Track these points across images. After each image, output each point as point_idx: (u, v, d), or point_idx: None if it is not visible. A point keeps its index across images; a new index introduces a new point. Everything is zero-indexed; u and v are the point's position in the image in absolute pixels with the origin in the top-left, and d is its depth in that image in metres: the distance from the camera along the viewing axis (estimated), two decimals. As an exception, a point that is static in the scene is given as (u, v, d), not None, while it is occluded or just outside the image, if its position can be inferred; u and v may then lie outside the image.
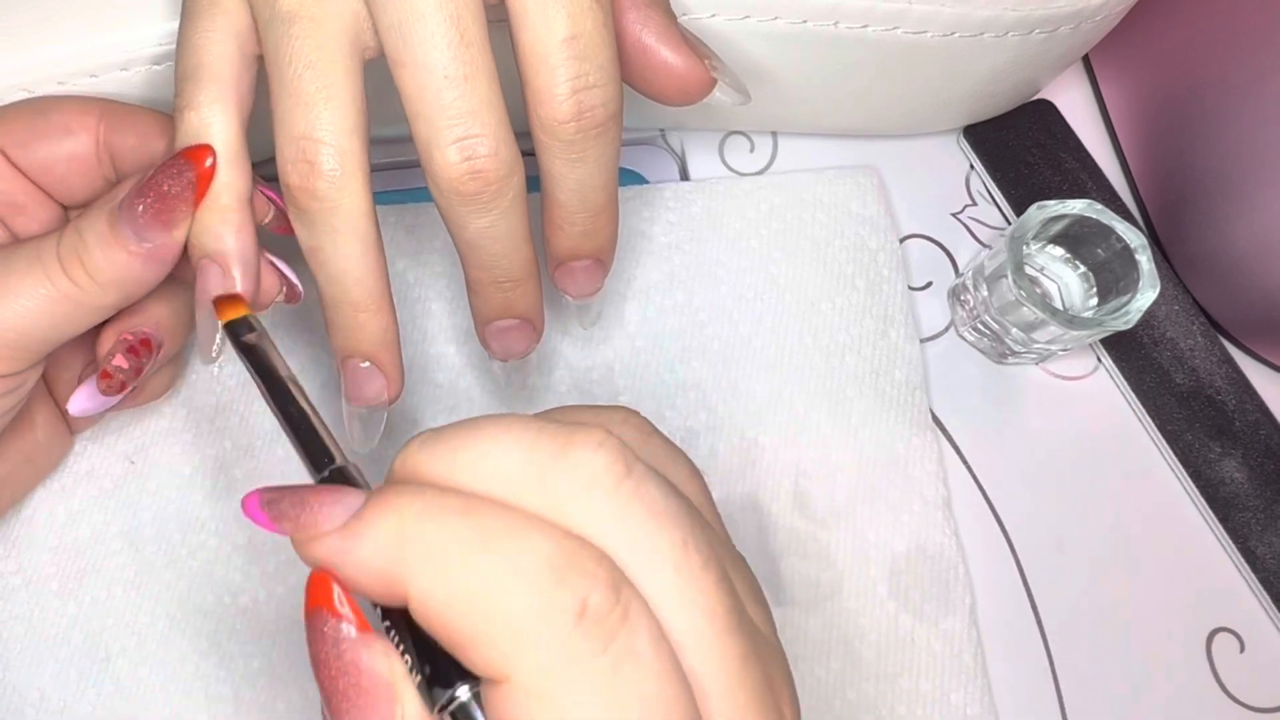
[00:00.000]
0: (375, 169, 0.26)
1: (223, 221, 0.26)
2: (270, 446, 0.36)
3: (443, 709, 0.18)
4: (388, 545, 0.18)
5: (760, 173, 0.42)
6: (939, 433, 0.38)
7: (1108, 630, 0.37)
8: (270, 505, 0.19)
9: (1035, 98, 0.44)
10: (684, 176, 0.42)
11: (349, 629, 0.18)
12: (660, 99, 0.28)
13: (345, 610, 0.19)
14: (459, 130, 0.24)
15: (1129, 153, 0.44)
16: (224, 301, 0.26)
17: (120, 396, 0.29)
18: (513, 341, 0.30)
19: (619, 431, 0.22)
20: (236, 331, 0.25)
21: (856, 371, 0.38)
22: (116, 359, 0.29)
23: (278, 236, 0.29)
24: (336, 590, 0.19)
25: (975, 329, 0.39)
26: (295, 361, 0.37)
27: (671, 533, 0.19)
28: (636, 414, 0.23)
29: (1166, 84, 0.42)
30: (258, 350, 0.25)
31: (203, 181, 0.25)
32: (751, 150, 0.42)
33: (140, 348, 0.29)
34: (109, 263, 0.25)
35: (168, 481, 0.35)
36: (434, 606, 0.17)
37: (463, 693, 0.18)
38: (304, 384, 0.25)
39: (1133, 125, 0.44)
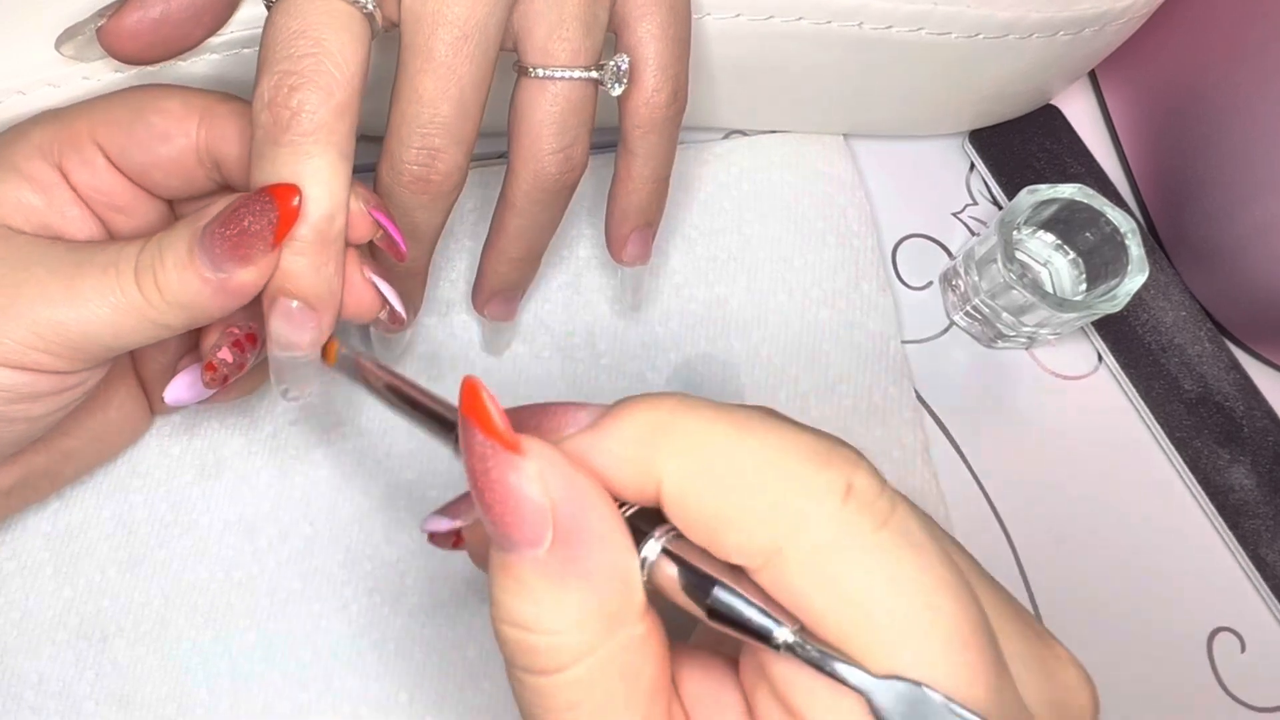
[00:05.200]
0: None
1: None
2: (258, 424, 0.36)
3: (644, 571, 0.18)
4: (642, 434, 0.18)
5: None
6: (922, 403, 0.39)
7: (1108, 629, 0.37)
8: (508, 417, 0.19)
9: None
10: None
11: (496, 448, 0.18)
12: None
13: (499, 425, 0.18)
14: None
15: (1132, 158, 0.44)
16: (329, 344, 0.27)
17: (218, 389, 0.29)
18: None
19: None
20: (343, 366, 0.26)
21: (832, 325, 0.38)
22: (222, 352, 0.28)
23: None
24: (491, 405, 0.18)
25: (966, 314, 0.40)
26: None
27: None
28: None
29: (1170, 90, 0.42)
30: (358, 371, 0.26)
31: (285, 222, 0.25)
32: None
33: (245, 342, 0.29)
34: (181, 284, 0.25)
35: (157, 462, 0.35)
36: (691, 489, 0.17)
37: (651, 548, 0.18)
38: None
39: (1136, 131, 0.44)
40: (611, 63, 0.28)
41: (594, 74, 0.28)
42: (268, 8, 0.26)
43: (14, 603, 0.34)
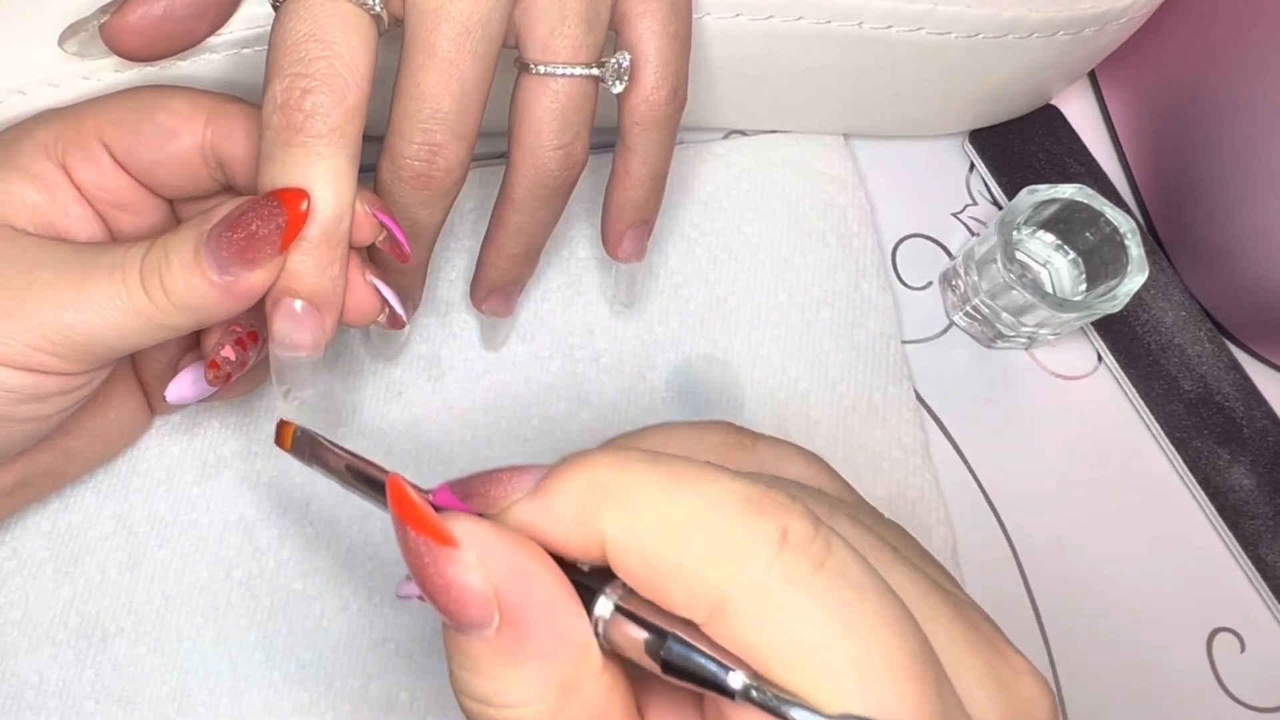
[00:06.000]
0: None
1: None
2: (258, 424, 0.36)
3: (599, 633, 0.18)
4: (582, 495, 0.18)
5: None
6: (921, 403, 0.39)
7: (1108, 629, 0.37)
8: (459, 487, 0.20)
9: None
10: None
11: (429, 544, 0.18)
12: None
13: (430, 519, 0.18)
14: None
15: (1132, 158, 0.44)
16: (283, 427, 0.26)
17: (221, 387, 0.29)
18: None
19: (730, 441, 0.24)
20: (299, 449, 0.25)
21: (832, 325, 0.38)
22: (225, 350, 0.28)
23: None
24: (417, 500, 0.18)
25: (966, 314, 0.40)
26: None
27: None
28: (734, 426, 0.24)
29: (1169, 90, 0.42)
30: (319, 458, 0.24)
31: (293, 227, 0.25)
32: None
33: (248, 340, 0.29)
34: (188, 287, 0.25)
35: (157, 462, 0.35)
36: (631, 547, 0.17)
37: (603, 606, 0.18)
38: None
39: (1136, 130, 0.44)
40: (613, 60, 0.28)
41: (595, 71, 0.28)
42: (274, 9, 0.26)
43: (14, 602, 0.34)
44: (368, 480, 0.23)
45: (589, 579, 0.18)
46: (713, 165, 0.40)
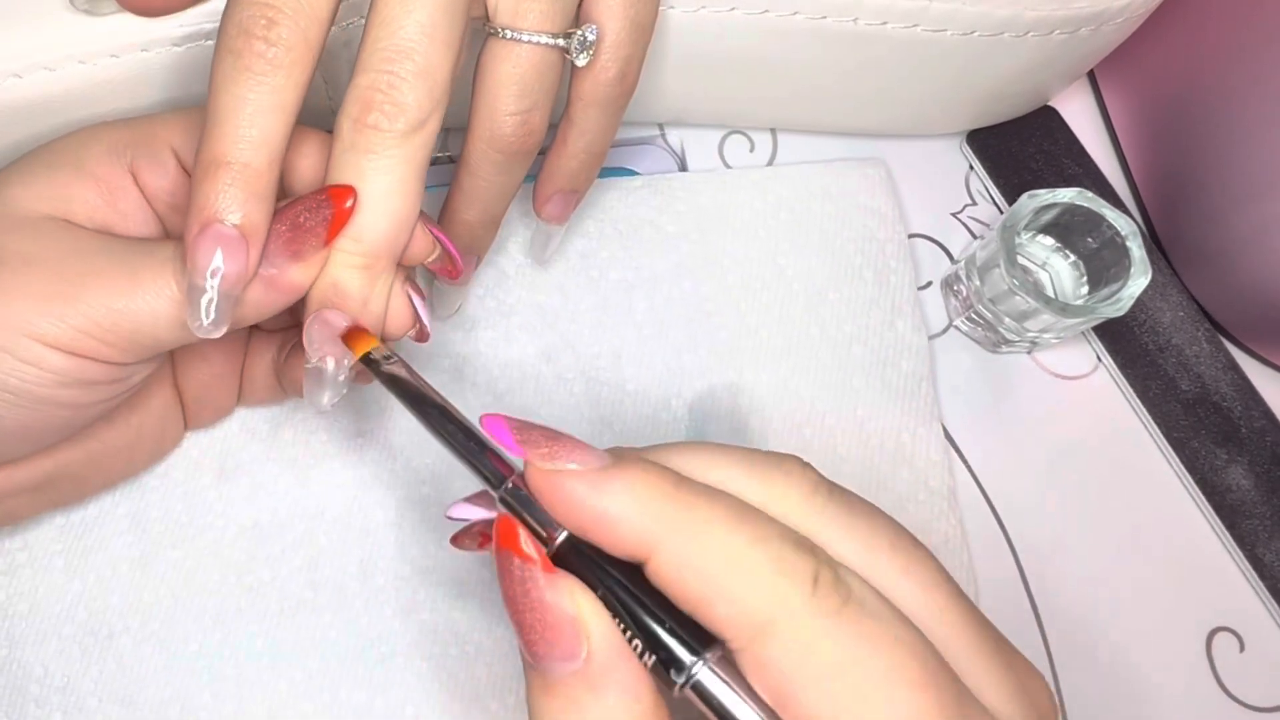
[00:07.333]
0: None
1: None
2: (277, 429, 0.36)
3: (683, 686, 0.19)
4: (647, 503, 0.20)
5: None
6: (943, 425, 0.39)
7: (1108, 630, 0.37)
8: (521, 430, 0.21)
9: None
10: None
11: (534, 570, 0.20)
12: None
13: (530, 552, 0.20)
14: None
15: (1131, 159, 0.44)
16: (353, 334, 0.26)
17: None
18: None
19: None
20: (373, 363, 0.26)
21: (863, 362, 0.38)
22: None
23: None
24: (523, 533, 0.21)
25: (969, 319, 0.40)
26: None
27: (884, 522, 0.22)
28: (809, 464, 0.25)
29: (1169, 91, 0.42)
30: (401, 379, 0.25)
31: (338, 222, 0.25)
32: (751, 150, 0.43)
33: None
34: None
35: (176, 463, 0.35)
36: (690, 564, 0.19)
37: (699, 668, 0.19)
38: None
39: (1135, 131, 0.44)
40: (579, 32, 0.28)
41: (560, 42, 0.28)
42: None
43: (23, 593, 0.34)
44: (436, 412, 0.24)
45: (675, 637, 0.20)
46: (750, 193, 0.40)
